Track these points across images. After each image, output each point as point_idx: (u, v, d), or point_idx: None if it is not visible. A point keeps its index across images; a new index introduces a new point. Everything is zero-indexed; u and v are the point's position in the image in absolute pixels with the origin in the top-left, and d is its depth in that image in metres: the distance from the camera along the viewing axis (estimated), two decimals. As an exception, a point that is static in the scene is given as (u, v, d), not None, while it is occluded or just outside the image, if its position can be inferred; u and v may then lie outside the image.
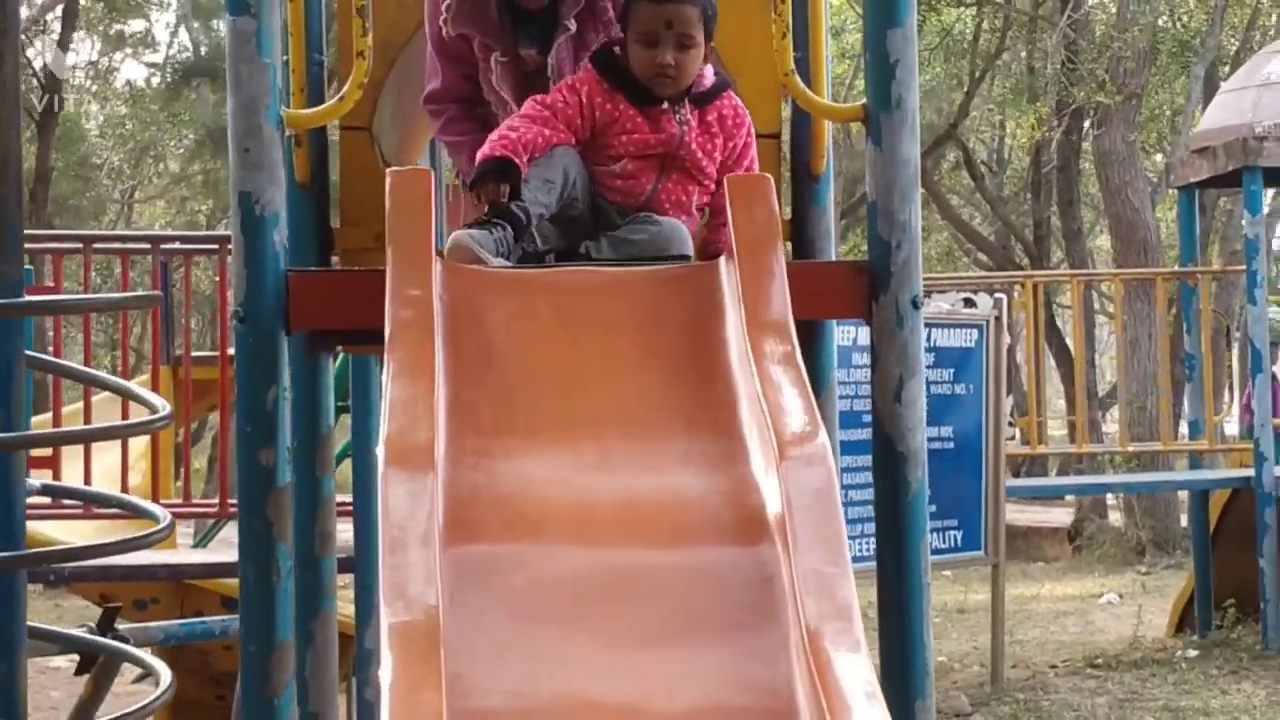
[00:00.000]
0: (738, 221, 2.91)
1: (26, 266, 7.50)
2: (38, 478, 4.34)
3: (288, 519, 2.91)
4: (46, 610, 11.12)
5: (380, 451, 2.44)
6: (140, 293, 5.93)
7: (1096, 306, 22.21)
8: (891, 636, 2.94)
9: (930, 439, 8.14)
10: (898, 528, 2.96)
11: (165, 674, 3.28)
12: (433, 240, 2.85)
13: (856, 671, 2.19)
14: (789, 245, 3.61)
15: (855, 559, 3.98)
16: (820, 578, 2.30)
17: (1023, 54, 18.95)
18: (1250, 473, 9.08)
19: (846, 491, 6.36)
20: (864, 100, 3.07)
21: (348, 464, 5.10)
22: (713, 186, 3.27)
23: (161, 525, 3.15)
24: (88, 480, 6.07)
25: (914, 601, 2.94)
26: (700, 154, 3.26)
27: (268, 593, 2.87)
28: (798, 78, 3.07)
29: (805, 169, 3.58)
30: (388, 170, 3.05)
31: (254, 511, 2.88)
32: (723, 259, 2.94)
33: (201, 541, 8.34)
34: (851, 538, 6.03)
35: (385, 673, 2.13)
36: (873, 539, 3.07)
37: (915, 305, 2.98)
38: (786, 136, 3.67)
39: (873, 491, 2.98)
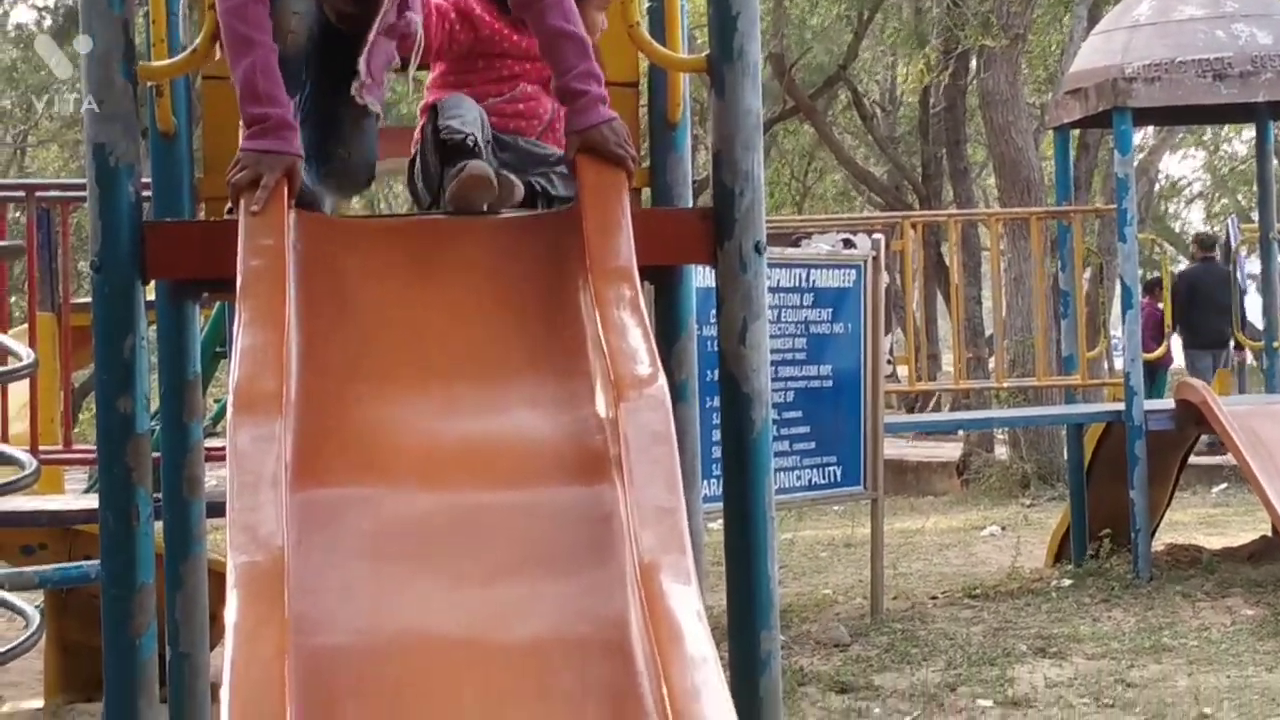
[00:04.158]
0: (584, 171, 3.00)
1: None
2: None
3: (147, 465, 2.98)
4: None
5: (229, 399, 2.52)
6: (4, 242, 5.91)
7: (986, 245, 22.50)
8: (738, 569, 3.06)
9: (810, 377, 8.39)
10: (743, 465, 3.07)
11: (35, 617, 3.34)
12: (285, 189, 2.91)
13: (686, 600, 2.29)
14: (647, 192, 3.71)
15: (711, 499, 4.07)
16: (654, 513, 2.40)
17: (911, -5, 19.11)
18: (1121, 406, 9.32)
19: (713, 431, 6.49)
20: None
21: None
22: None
23: (28, 471, 3.20)
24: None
25: (759, 536, 3.06)
26: None
27: (128, 537, 2.94)
28: (644, 29, 3.15)
29: (662, 118, 3.67)
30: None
31: (113, 458, 2.95)
32: (574, 207, 3.03)
33: (91, 488, 8.34)
34: (716, 476, 6.17)
35: (230, 612, 2.22)
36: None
37: (758, 250, 3.08)
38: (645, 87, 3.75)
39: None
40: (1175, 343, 14.93)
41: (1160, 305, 12.59)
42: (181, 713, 3.58)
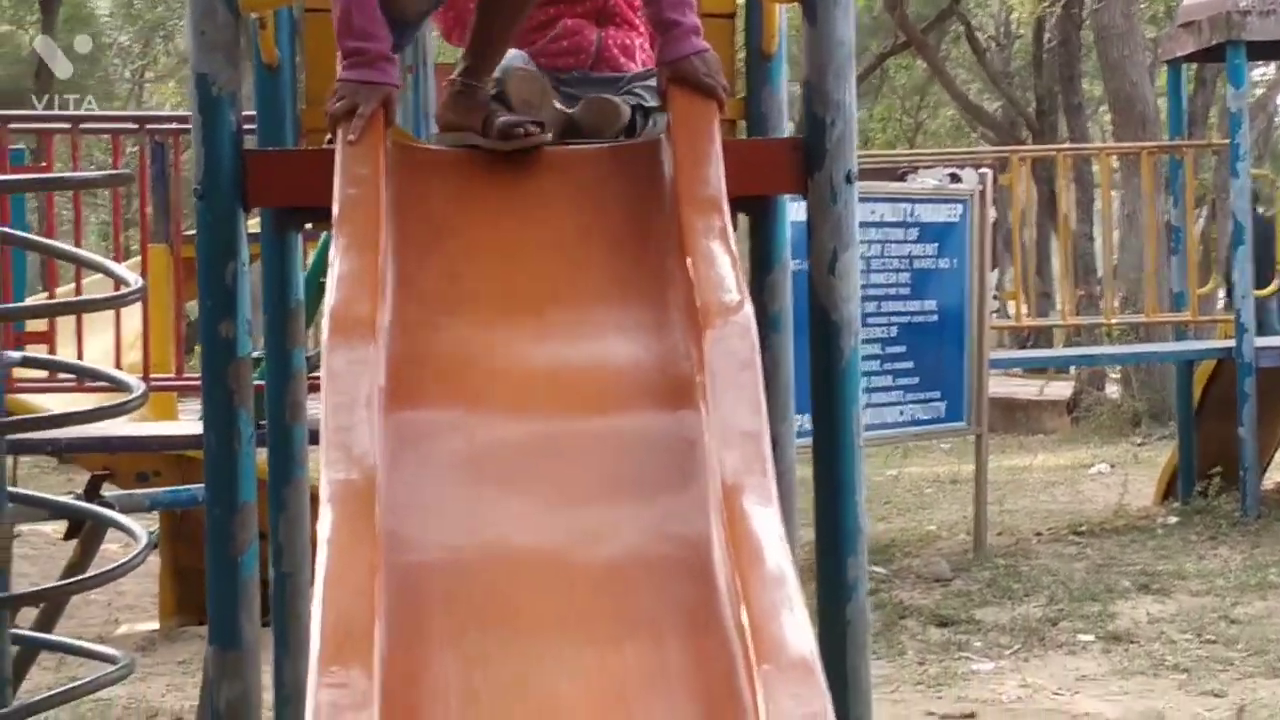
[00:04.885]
0: (675, 101, 3.02)
1: (18, 146, 7.63)
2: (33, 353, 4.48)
3: (248, 388, 3.06)
4: (60, 485, 11.36)
5: (325, 323, 2.58)
6: (109, 172, 6.02)
7: (1101, 181, 22.23)
8: (825, 496, 3.09)
9: (914, 312, 8.38)
10: (831, 393, 3.09)
11: (143, 536, 3.44)
12: (382, 120, 2.97)
13: (768, 521, 2.33)
14: (742, 124, 3.73)
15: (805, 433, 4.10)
16: (737, 436, 2.44)
17: (1027, -74, 18.84)
18: (1233, 344, 9.22)
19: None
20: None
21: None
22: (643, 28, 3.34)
23: (134, 394, 3.29)
24: (80, 357, 6.22)
25: (846, 463, 3.08)
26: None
27: (230, 457, 3.03)
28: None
29: (757, 50, 3.69)
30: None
31: (216, 380, 3.03)
32: (663, 137, 3.06)
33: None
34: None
35: (324, 527, 2.28)
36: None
37: (849, 181, 3.09)
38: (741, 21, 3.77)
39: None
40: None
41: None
42: (284, 632, 3.69)
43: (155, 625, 7.68)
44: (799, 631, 2.17)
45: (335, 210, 2.79)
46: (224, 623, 3.07)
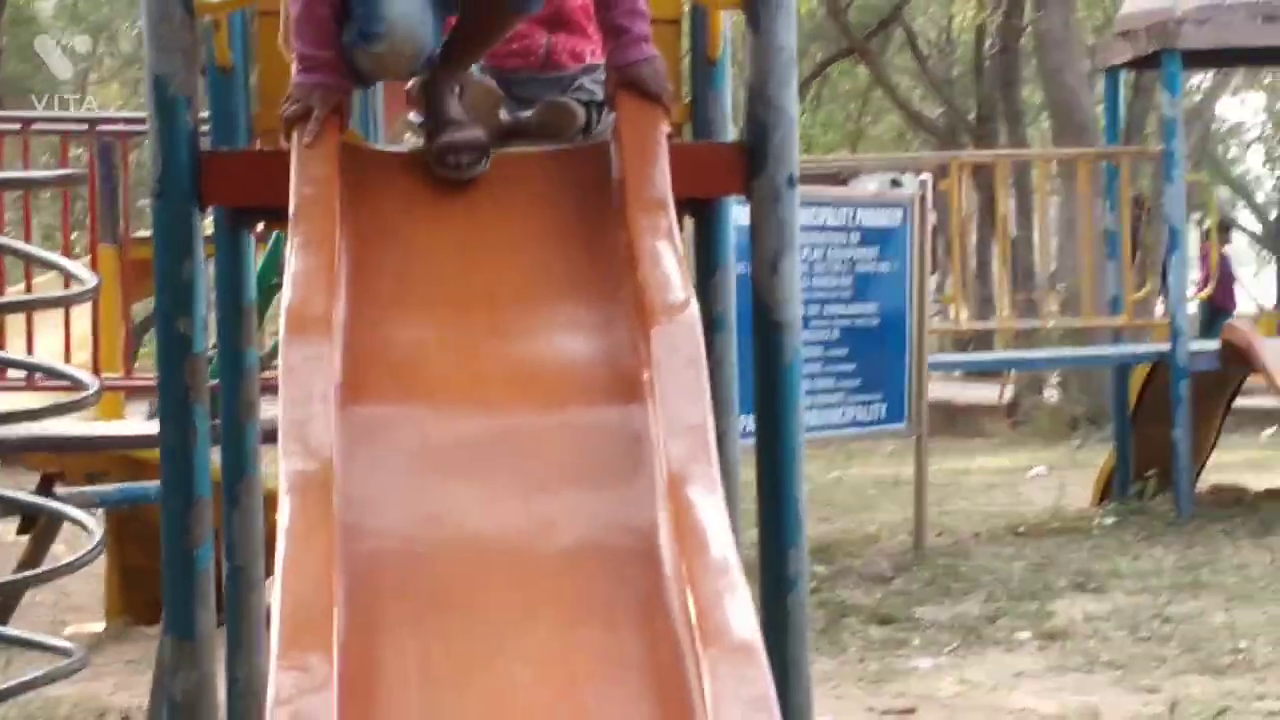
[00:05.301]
0: (622, 106, 3.11)
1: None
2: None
3: (203, 383, 3.12)
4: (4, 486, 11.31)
5: (281, 320, 2.65)
6: (62, 171, 6.05)
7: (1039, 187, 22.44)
8: (768, 491, 3.18)
9: (856, 315, 8.50)
10: (773, 391, 3.18)
11: (97, 531, 3.49)
12: (336, 122, 3.04)
13: (712, 509, 2.41)
14: (689, 127, 3.81)
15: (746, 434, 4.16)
16: (683, 428, 2.52)
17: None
18: (1168, 347, 9.38)
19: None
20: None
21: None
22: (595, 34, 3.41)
23: (89, 390, 3.35)
24: (30, 355, 6.24)
25: (788, 459, 3.17)
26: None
27: (186, 451, 3.08)
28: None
29: (703, 55, 3.77)
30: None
31: (172, 375, 3.09)
32: (610, 141, 3.14)
33: (151, 415, 8.54)
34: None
35: (283, 516, 2.35)
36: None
37: (791, 184, 3.18)
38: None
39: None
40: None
41: (1226, 250, 12.60)
42: (238, 626, 3.75)
43: (102, 625, 7.70)
44: (742, 617, 2.25)
45: (291, 209, 2.85)
46: (180, 614, 3.12)
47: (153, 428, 7.16)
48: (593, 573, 2.47)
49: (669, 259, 2.82)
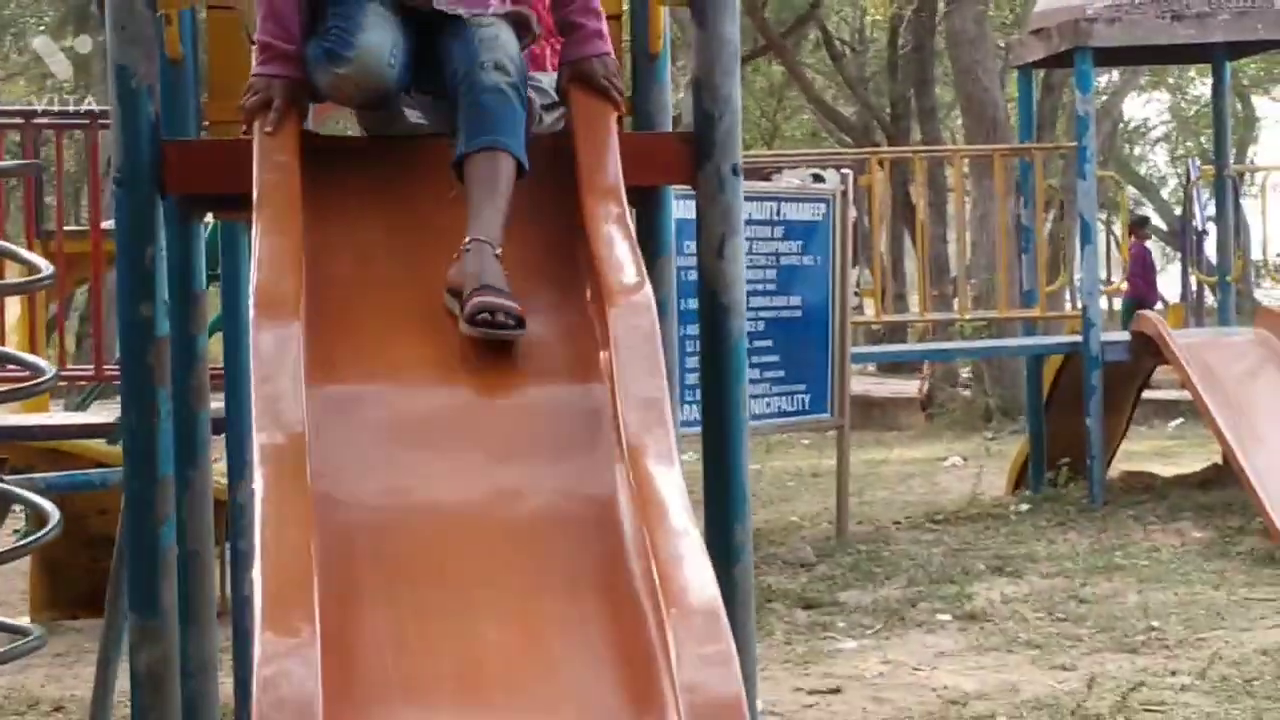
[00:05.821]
0: (575, 99, 3.23)
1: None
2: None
3: (166, 366, 3.20)
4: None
5: (250, 301, 2.74)
6: (20, 162, 6.09)
7: (953, 185, 22.74)
8: (715, 468, 3.30)
9: (780, 308, 8.65)
10: (720, 371, 3.31)
11: (54, 513, 3.56)
12: (296, 111, 3.13)
13: (670, 477, 2.53)
14: (631, 119, 3.93)
15: (688, 422, 4.28)
16: (640, 400, 2.64)
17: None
18: (1080, 339, 9.61)
19: (687, 358, 6.73)
20: (690, -17, 3.37)
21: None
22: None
23: (47, 375, 3.41)
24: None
25: (734, 437, 3.30)
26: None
27: (149, 432, 3.16)
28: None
29: (644, 49, 3.89)
30: (254, 46, 3.31)
31: (136, 359, 3.17)
32: (565, 131, 3.26)
33: (78, 407, 8.54)
34: (689, 401, 6.42)
35: (258, 488, 2.45)
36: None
37: (735, 172, 3.31)
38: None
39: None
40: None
41: (1147, 244, 12.89)
42: (191, 607, 3.82)
43: (26, 620, 7.71)
44: (703, 579, 2.37)
45: (255, 195, 2.95)
46: (143, 591, 3.20)
47: (85, 418, 7.21)
48: (555, 540, 2.58)
49: (622, 243, 2.95)
